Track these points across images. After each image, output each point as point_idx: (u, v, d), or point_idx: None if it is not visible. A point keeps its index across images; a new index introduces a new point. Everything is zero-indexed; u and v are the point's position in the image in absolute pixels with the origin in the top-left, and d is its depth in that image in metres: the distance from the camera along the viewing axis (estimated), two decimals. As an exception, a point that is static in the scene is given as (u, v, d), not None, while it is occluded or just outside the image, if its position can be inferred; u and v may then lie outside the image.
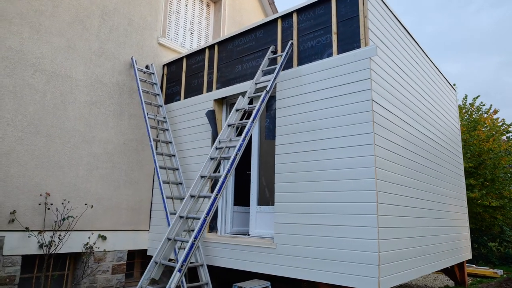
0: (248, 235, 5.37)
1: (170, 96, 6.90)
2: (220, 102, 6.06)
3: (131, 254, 6.39)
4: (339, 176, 4.22)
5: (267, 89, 4.70)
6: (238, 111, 4.97)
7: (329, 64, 4.62)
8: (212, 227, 5.68)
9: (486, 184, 11.11)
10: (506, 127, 12.01)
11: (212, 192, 5.61)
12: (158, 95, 6.72)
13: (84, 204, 5.65)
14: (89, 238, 5.61)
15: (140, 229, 6.39)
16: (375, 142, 4.08)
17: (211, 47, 6.35)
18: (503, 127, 12.06)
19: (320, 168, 4.40)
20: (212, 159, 4.59)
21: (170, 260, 4.23)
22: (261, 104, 4.59)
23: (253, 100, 5.50)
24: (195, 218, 4.07)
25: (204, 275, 4.95)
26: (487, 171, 11.05)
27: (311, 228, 4.34)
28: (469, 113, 12.95)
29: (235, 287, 4.35)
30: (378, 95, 4.34)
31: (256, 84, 5.16)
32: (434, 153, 6.15)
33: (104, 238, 5.80)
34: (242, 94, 5.41)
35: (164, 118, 6.47)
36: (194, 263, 5.01)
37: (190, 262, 4.72)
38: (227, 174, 4.01)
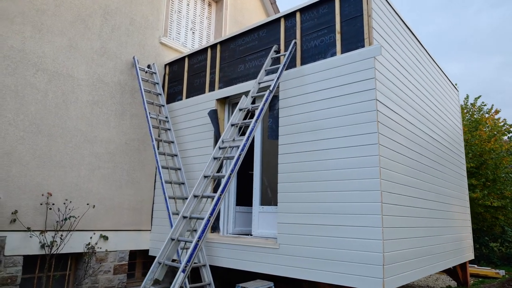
0: (251, 235, 5.34)
1: (172, 96, 6.87)
2: (222, 101, 6.04)
3: (133, 254, 6.36)
4: (343, 176, 4.20)
5: (271, 88, 4.67)
6: (241, 110, 4.95)
7: (333, 64, 4.60)
8: (214, 227, 5.65)
9: (487, 184, 11.09)
10: (508, 127, 11.99)
11: (214, 192, 5.60)
12: (160, 94, 6.70)
13: (86, 204, 5.63)
14: (91, 238, 5.59)
15: (142, 229, 6.36)
16: (380, 142, 4.06)
17: (213, 46, 6.32)
18: (504, 127, 12.04)
19: (323, 168, 4.38)
20: (215, 159, 4.57)
21: (173, 260, 4.21)
22: (264, 104, 4.57)
23: (255, 100, 5.48)
24: (198, 218, 4.04)
25: (207, 276, 4.93)
26: (489, 171, 11.03)
27: (314, 228, 4.31)
28: (470, 113, 12.93)
29: (238, 287, 4.33)
30: (382, 95, 4.32)
31: (259, 83, 5.13)
32: (437, 153, 6.13)
33: (106, 238, 5.77)
34: (245, 94, 5.38)
35: (166, 117, 6.45)
36: (197, 263, 4.99)
37: (193, 263, 4.69)
38: (230, 174, 3.98)
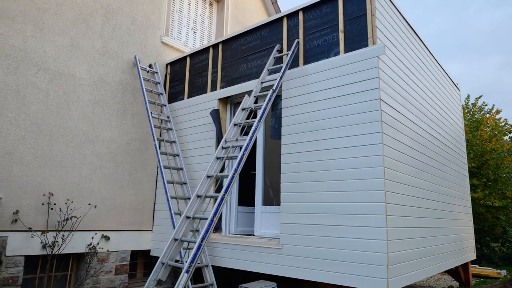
0: (253, 235, 5.32)
1: (174, 95, 6.84)
2: (224, 101, 6.01)
3: (134, 254, 6.34)
4: (347, 176, 4.18)
5: (274, 88, 4.65)
6: (244, 110, 4.93)
7: (336, 63, 4.58)
8: (217, 227, 5.63)
9: (488, 184, 11.08)
10: (509, 127, 11.98)
11: (216, 192, 5.58)
12: (162, 94, 6.67)
13: (88, 204, 5.60)
14: (92, 238, 5.56)
15: (143, 229, 6.34)
16: (384, 141, 4.04)
17: (215, 46, 6.30)
18: (505, 127, 12.03)
19: (327, 168, 4.36)
20: (218, 158, 4.54)
21: (176, 261, 4.18)
22: (267, 103, 4.55)
23: (258, 100, 5.45)
24: (202, 219, 4.01)
25: (209, 276, 4.90)
26: (490, 171, 11.02)
27: (317, 229, 4.29)
28: (471, 113, 12.92)
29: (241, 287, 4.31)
30: (386, 94, 4.30)
31: (262, 83, 5.11)
32: (440, 153, 6.11)
33: (107, 238, 5.75)
34: (247, 93, 5.36)
35: (168, 117, 6.43)
36: (199, 264, 4.96)
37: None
38: (234, 174, 3.96)
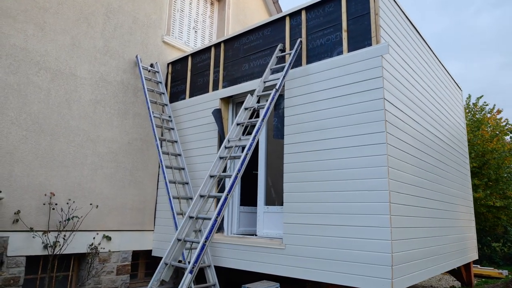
0: (255, 235, 5.30)
1: (175, 95, 6.82)
2: (226, 101, 5.99)
3: (135, 254, 6.31)
4: (351, 175, 4.15)
5: (277, 87, 4.63)
6: (247, 109, 4.90)
7: (339, 62, 4.56)
8: (219, 227, 5.60)
9: (490, 184, 11.08)
10: (510, 127, 11.98)
11: (218, 192, 5.56)
12: (163, 93, 6.64)
13: (89, 204, 5.57)
14: (94, 238, 5.53)
15: (145, 229, 6.31)
16: (388, 141, 4.02)
17: (217, 45, 6.27)
18: (507, 127, 12.03)
19: (330, 168, 4.33)
20: (221, 158, 4.52)
21: (179, 261, 4.16)
22: (271, 103, 4.52)
23: (260, 99, 5.43)
24: (205, 219, 3.99)
25: (212, 276, 4.88)
26: (491, 171, 11.02)
27: (320, 229, 4.27)
28: (472, 113, 12.92)
29: (244, 288, 4.28)
30: (389, 94, 4.27)
31: (265, 82, 5.09)
32: (443, 152, 6.09)
33: (109, 238, 5.72)
34: (250, 93, 5.33)
35: (170, 117, 6.40)
36: (202, 264, 4.94)
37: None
38: (237, 174, 3.94)
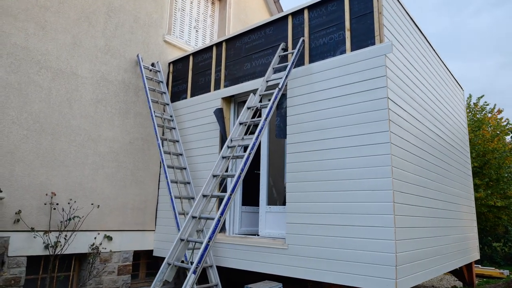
0: (257, 235, 5.27)
1: (177, 94, 6.79)
2: (228, 100, 5.96)
3: (137, 254, 6.28)
4: (354, 175, 4.13)
5: (280, 86, 4.61)
6: (249, 109, 4.88)
7: (342, 61, 4.54)
8: (221, 227, 5.58)
9: (490, 184, 11.06)
10: (511, 127, 11.97)
11: (221, 192, 5.53)
12: (165, 93, 6.62)
13: (90, 204, 5.54)
14: (95, 238, 5.50)
15: (146, 229, 6.28)
16: (391, 140, 4.00)
17: (218, 44, 6.25)
18: (507, 127, 12.02)
19: (333, 167, 4.31)
20: (224, 158, 4.49)
21: (182, 262, 4.13)
22: (273, 102, 4.50)
23: (262, 98, 5.40)
24: (208, 218, 3.97)
25: (214, 277, 4.85)
26: (492, 171, 11.01)
27: (324, 229, 4.24)
28: (473, 112, 12.91)
29: (247, 288, 4.26)
30: (393, 93, 4.25)
31: (267, 81, 5.06)
32: (445, 152, 6.08)
33: (110, 238, 5.69)
34: (252, 92, 5.31)
35: (171, 116, 6.37)
36: (204, 264, 4.91)
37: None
38: (241, 173, 3.92)
